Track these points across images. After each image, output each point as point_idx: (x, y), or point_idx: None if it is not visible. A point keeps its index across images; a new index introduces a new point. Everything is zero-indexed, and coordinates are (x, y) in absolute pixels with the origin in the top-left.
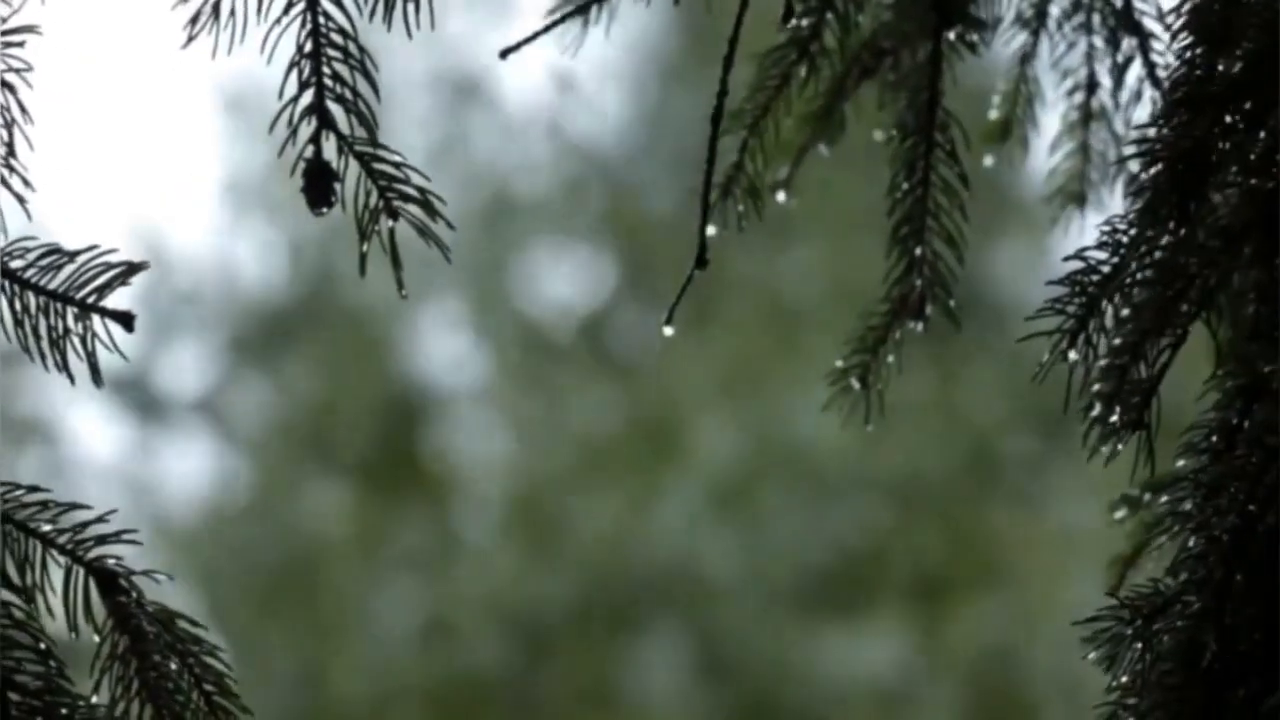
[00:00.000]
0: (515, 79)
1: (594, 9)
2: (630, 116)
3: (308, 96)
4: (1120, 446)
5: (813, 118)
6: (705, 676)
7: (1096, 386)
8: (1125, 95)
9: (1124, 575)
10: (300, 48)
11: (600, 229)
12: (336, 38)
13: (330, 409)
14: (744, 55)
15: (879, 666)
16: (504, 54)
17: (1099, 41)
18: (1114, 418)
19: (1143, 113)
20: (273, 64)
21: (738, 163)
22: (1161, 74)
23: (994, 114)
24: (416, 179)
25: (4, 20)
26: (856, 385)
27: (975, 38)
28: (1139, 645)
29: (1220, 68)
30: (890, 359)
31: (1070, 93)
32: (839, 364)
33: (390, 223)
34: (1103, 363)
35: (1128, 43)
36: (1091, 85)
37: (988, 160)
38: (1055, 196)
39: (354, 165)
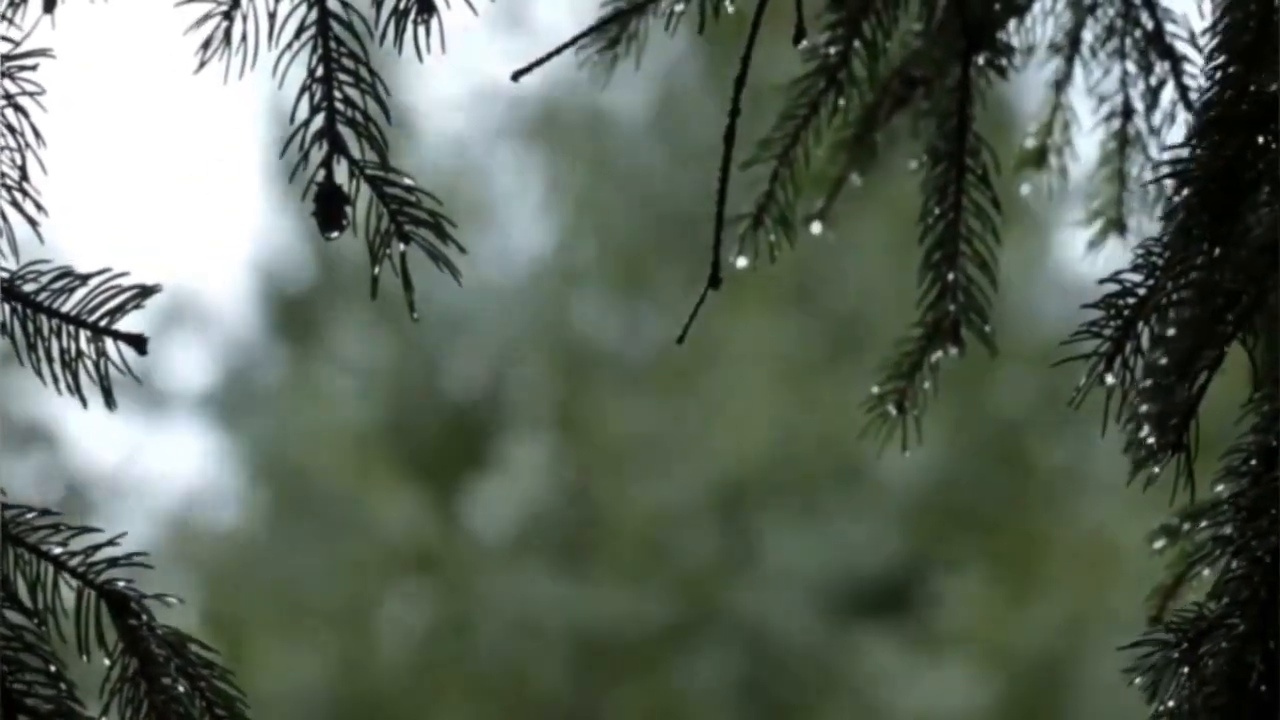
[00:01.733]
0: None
1: (623, 40)
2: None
3: (319, 120)
4: (1159, 469)
5: (846, 147)
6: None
7: (1143, 408)
8: (1159, 118)
9: (1164, 605)
10: (312, 72)
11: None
12: (348, 62)
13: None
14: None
15: (940, 691)
16: (516, 76)
17: (1132, 67)
18: (1152, 439)
19: (1177, 135)
20: (284, 88)
21: (769, 192)
22: (1194, 97)
23: (1030, 142)
24: (428, 202)
25: (16, 44)
26: (893, 411)
27: (1004, 62)
28: (1185, 670)
29: (1253, 87)
30: (926, 384)
31: (1106, 119)
32: (874, 390)
33: (402, 246)
34: (1147, 383)
35: (1160, 66)
36: (1127, 111)
37: (1025, 189)
38: (1094, 222)
39: (365, 189)
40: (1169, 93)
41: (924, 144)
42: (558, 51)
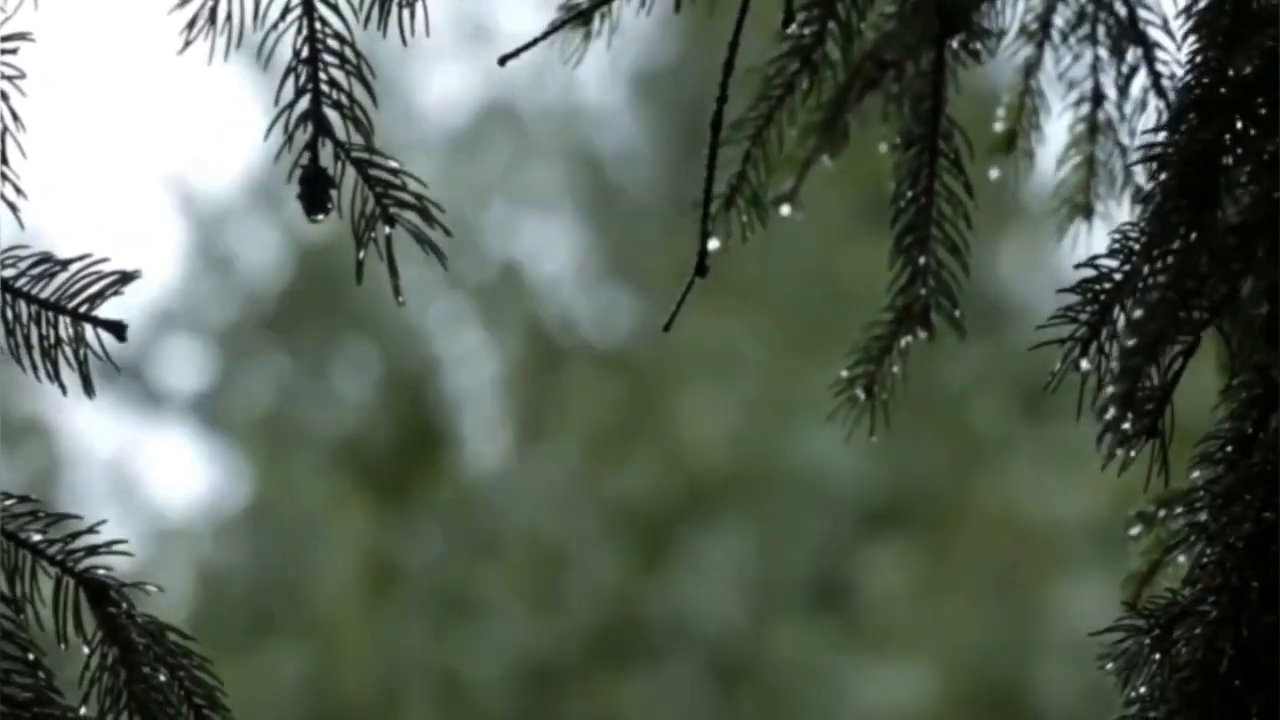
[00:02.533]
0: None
1: (596, 19)
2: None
3: (304, 102)
4: (1133, 454)
5: (816, 129)
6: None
7: (1110, 390)
8: (1130, 106)
9: (1140, 592)
10: (297, 53)
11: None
12: (333, 43)
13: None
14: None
15: (898, 694)
16: (503, 60)
17: (1104, 52)
18: (1126, 424)
19: (1149, 122)
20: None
21: (740, 173)
22: (1166, 84)
23: (999, 126)
24: (413, 185)
25: None
26: (862, 395)
27: (979, 46)
28: (1157, 656)
29: (1230, 71)
30: (895, 369)
31: (1076, 104)
32: (843, 374)
33: (387, 229)
34: (1115, 366)
35: (1133, 53)
36: (1097, 97)
37: (993, 172)
38: (1062, 208)
39: (351, 171)
40: (1141, 79)
41: (895, 127)
42: (544, 36)
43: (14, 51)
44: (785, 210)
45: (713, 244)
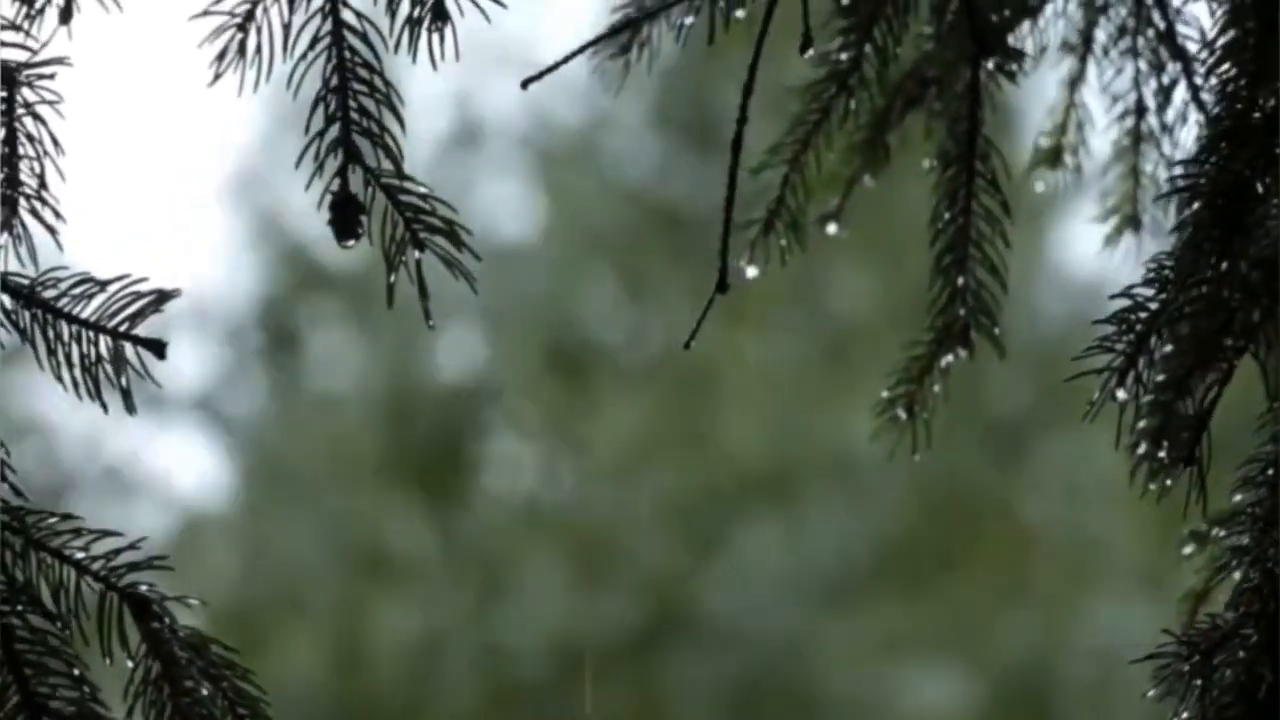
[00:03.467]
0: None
1: (635, 48)
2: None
3: (334, 130)
4: (1169, 483)
5: (858, 148)
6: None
7: (1143, 424)
8: (1171, 116)
9: (1195, 611)
10: (326, 82)
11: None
12: (362, 72)
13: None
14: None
15: (929, 688)
16: (525, 84)
17: (1144, 65)
18: (1161, 453)
19: (1189, 135)
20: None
21: (779, 197)
22: (1206, 96)
23: (1044, 141)
24: (443, 210)
25: (34, 53)
26: (903, 415)
27: (1014, 67)
28: (1199, 682)
29: (1260, 100)
30: (936, 388)
31: (1120, 117)
32: (884, 394)
33: (417, 254)
34: (1147, 399)
35: (1173, 66)
36: (1140, 109)
37: (1039, 186)
38: (1108, 219)
39: (380, 198)
40: (1181, 92)
41: (936, 145)
42: (568, 59)
43: (52, 76)
44: (831, 229)
45: (751, 271)
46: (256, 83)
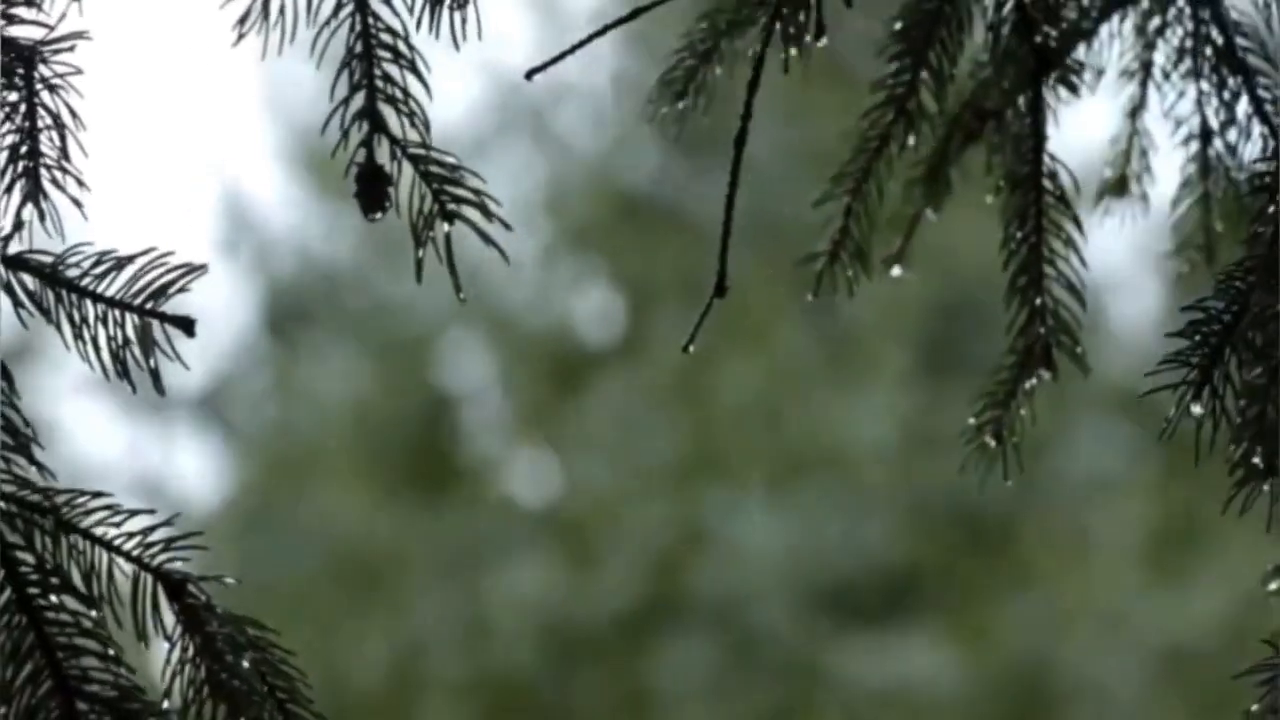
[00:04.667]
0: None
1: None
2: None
3: (359, 99)
4: (1265, 488)
5: (918, 184)
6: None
7: (1236, 434)
8: (1235, 133)
9: None
10: (350, 49)
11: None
12: (386, 38)
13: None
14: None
15: (912, 673)
16: (530, 74)
17: (1207, 85)
18: (1257, 459)
19: (1254, 151)
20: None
21: (843, 227)
22: (1269, 109)
23: (1108, 171)
24: (472, 181)
25: (51, 28)
26: (992, 442)
27: (1075, 80)
28: None
29: None
30: (1023, 411)
31: (1185, 142)
32: (971, 421)
33: (446, 226)
34: (1238, 408)
35: (1234, 81)
36: (1206, 133)
37: (1107, 217)
38: (1183, 251)
39: (407, 168)
40: (1243, 107)
41: (996, 177)
42: (572, 50)
43: (70, 49)
44: (896, 271)
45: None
46: (280, 47)
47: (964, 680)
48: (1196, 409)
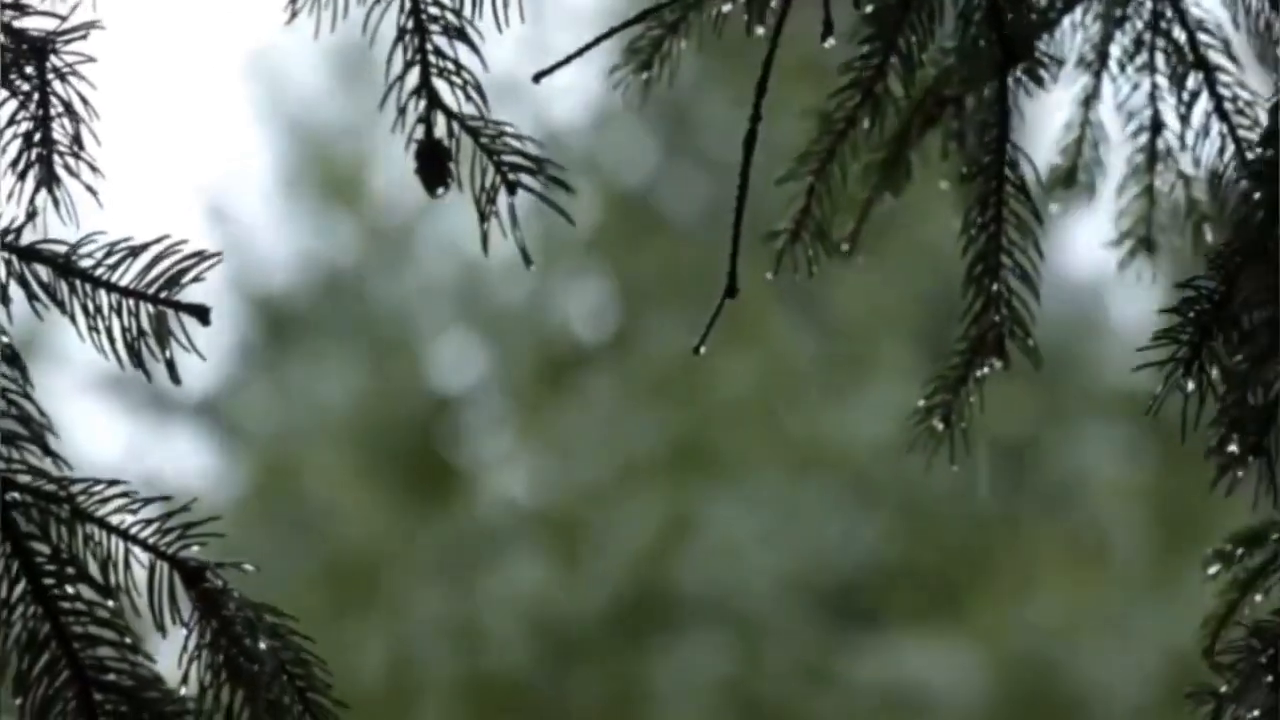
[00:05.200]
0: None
1: (655, 62)
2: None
3: (414, 75)
4: (1241, 474)
5: (878, 167)
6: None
7: (1216, 417)
8: (1192, 133)
9: (1218, 634)
10: (402, 26)
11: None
12: (435, 10)
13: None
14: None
15: (912, 673)
16: (537, 78)
17: (1163, 80)
18: (1233, 447)
19: (1211, 149)
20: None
21: (805, 207)
22: (1229, 107)
23: (1059, 160)
24: (531, 149)
25: (64, 19)
26: (940, 426)
27: (1042, 73)
28: (1270, 678)
29: None
30: (973, 398)
31: (1135, 134)
32: (921, 404)
33: (510, 198)
34: (1222, 390)
35: (1194, 78)
36: (1156, 126)
37: (1054, 207)
38: (1123, 241)
39: (466, 142)
40: (1203, 104)
41: (955, 163)
42: (579, 53)
43: (84, 38)
44: (846, 250)
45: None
46: (333, 24)
47: (964, 680)
48: (1190, 385)
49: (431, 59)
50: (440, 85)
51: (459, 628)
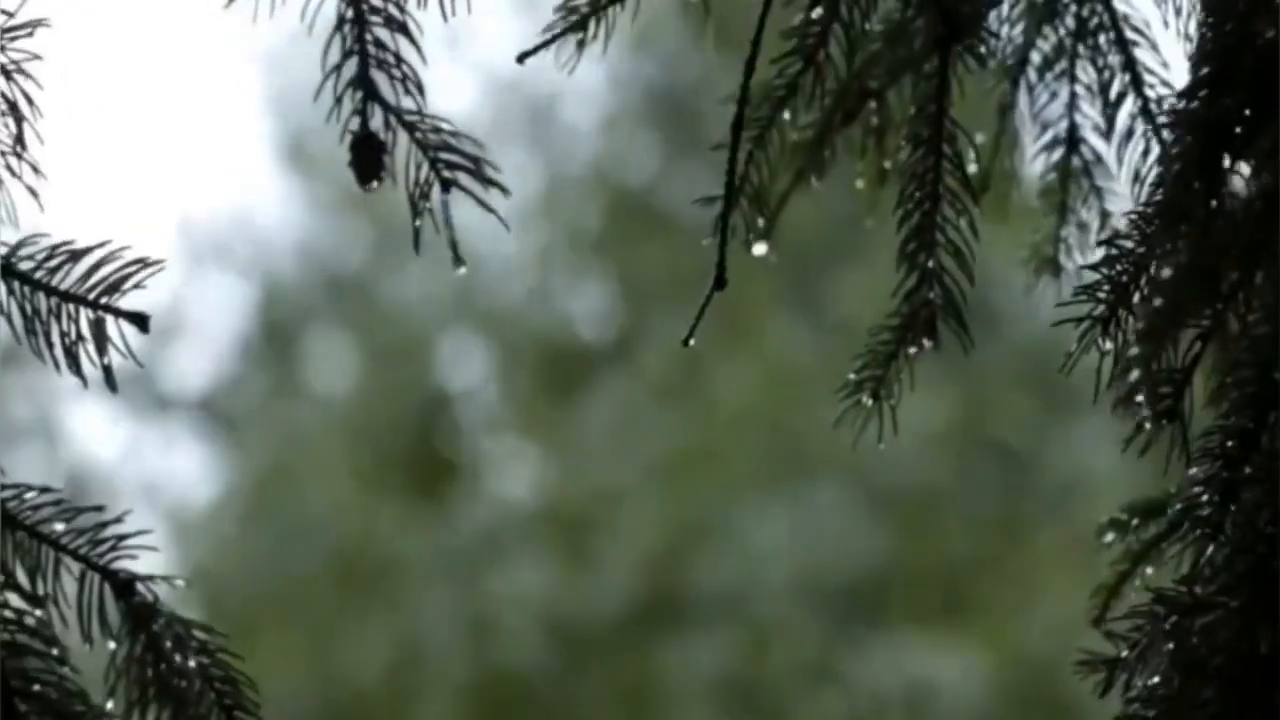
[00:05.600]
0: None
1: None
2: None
3: (351, 66)
4: (1149, 427)
5: (802, 149)
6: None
7: (1126, 375)
8: (1116, 137)
9: (1108, 604)
10: (341, 14)
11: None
12: (377, 2)
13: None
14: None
15: (917, 674)
16: (521, 58)
17: (1081, 90)
18: (1143, 410)
19: (1134, 153)
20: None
21: (743, 174)
22: (1153, 108)
23: (972, 167)
24: (468, 146)
25: (10, 15)
26: (869, 400)
27: (983, 50)
28: (1171, 645)
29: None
30: (903, 375)
31: (1049, 147)
32: (851, 377)
33: (444, 195)
34: (1132, 351)
35: (1119, 80)
36: (1073, 140)
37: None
38: (1031, 261)
39: (403, 136)
40: (1128, 107)
41: (869, 162)
42: (564, 32)
43: (30, 35)
44: (760, 249)
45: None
46: (272, 10)
47: (969, 680)
48: (1107, 344)
49: (371, 50)
50: (378, 77)
51: (466, 627)
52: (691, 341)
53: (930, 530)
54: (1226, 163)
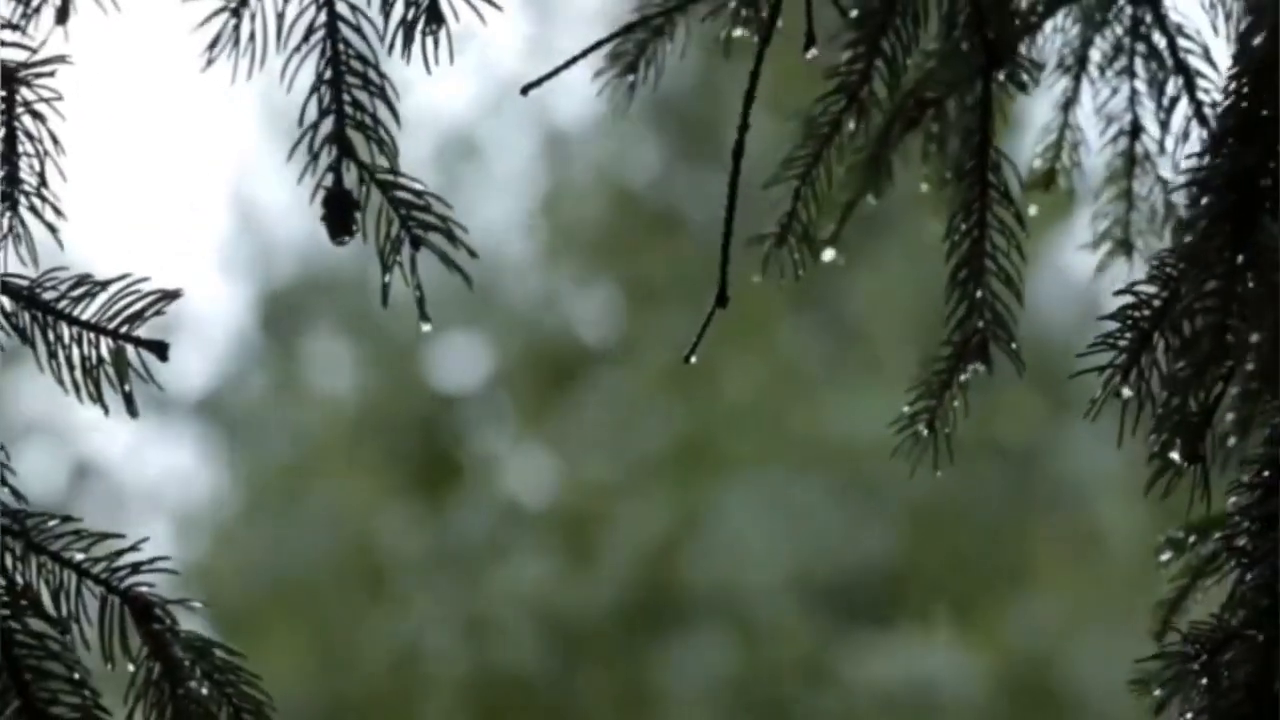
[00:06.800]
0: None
1: (642, 65)
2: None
3: (328, 124)
4: (1175, 474)
5: (859, 169)
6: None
7: (1157, 424)
8: (1172, 138)
9: (1169, 620)
10: (320, 75)
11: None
12: (357, 65)
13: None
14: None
15: (915, 672)
16: (525, 90)
17: (1141, 85)
18: (1174, 454)
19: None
20: (292, 92)
21: (791, 211)
22: (1209, 112)
23: (1038, 163)
24: (438, 207)
25: (34, 51)
26: (924, 431)
27: (1024, 78)
28: (1204, 681)
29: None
30: (956, 403)
31: (1114, 139)
32: (905, 409)
33: (413, 251)
34: (1164, 395)
35: (1174, 83)
36: (1135, 129)
37: (1033, 210)
38: (1101, 243)
39: (375, 194)
40: (1183, 109)
41: (935, 166)
42: (568, 64)
43: (51, 74)
44: (829, 255)
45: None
46: (250, 72)
47: (967, 679)
48: (1126, 391)
49: (348, 109)
50: (354, 136)
51: (466, 625)
52: (694, 359)
53: (930, 529)
54: (1251, 215)
